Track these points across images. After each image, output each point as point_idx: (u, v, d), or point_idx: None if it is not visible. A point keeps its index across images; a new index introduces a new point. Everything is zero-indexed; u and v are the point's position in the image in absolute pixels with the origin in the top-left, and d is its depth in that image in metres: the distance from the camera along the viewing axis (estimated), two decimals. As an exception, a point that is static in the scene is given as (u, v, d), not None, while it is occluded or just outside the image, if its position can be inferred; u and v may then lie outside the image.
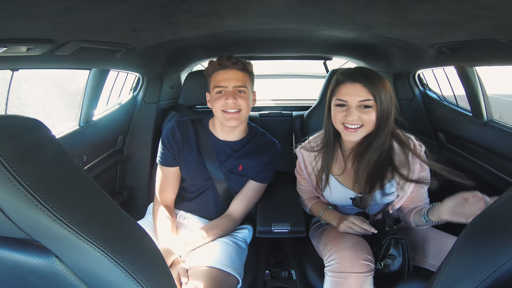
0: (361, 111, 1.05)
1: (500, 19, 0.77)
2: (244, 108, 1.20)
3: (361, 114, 1.05)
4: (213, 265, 1.07)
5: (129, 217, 0.55)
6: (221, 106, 1.19)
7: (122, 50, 1.19)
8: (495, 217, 0.54)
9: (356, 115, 1.05)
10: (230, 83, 1.19)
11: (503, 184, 1.34)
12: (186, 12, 0.91)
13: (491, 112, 1.47)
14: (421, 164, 1.14)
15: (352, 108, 1.05)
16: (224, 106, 1.18)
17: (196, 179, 1.30)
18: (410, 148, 1.14)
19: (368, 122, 1.06)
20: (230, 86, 1.19)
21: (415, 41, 1.21)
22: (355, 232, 1.11)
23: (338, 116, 1.09)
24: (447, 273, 0.56)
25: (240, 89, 1.20)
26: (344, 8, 0.88)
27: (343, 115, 1.07)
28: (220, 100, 1.19)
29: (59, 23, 0.80)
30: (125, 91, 1.85)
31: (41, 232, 0.48)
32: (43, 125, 0.46)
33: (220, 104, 1.19)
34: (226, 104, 1.18)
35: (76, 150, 1.41)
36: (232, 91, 1.19)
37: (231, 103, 1.17)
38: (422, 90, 1.89)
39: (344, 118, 1.07)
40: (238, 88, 1.19)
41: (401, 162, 1.14)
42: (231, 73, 1.20)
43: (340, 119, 1.08)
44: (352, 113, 1.05)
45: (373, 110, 1.05)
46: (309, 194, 1.36)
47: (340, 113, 1.08)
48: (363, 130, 1.07)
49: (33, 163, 0.43)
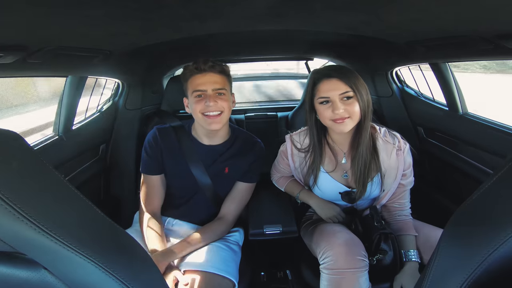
0: (345, 103, 1.08)
1: (470, 15, 0.80)
2: (225, 110, 1.18)
3: (346, 106, 1.07)
4: (208, 270, 1.06)
5: (117, 226, 0.54)
6: (201, 109, 1.16)
7: (100, 56, 1.16)
8: (475, 209, 0.55)
9: (342, 108, 1.07)
10: (209, 86, 1.17)
11: (480, 174, 1.41)
12: (167, 16, 0.90)
13: (466, 106, 1.54)
14: (405, 161, 1.18)
15: (336, 102, 1.07)
16: (205, 109, 1.16)
17: (183, 186, 1.29)
18: (394, 145, 1.18)
19: (353, 112, 1.08)
20: (209, 89, 1.17)
21: (391, 39, 1.25)
22: (341, 221, 1.21)
23: (326, 114, 1.10)
24: (437, 265, 0.57)
25: (220, 91, 1.18)
26: (322, 8, 0.89)
27: (329, 112, 1.09)
28: (200, 103, 1.16)
29: (32, 30, 0.77)
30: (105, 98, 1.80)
31: (27, 244, 0.46)
32: (19, 137, 0.45)
33: (200, 107, 1.16)
34: (206, 107, 1.15)
35: (56, 161, 1.35)
36: (212, 94, 1.17)
37: (212, 105, 1.15)
38: (400, 86, 1.96)
39: (331, 114, 1.08)
40: (217, 90, 1.18)
41: (385, 158, 1.17)
42: (208, 77, 1.18)
43: (328, 116, 1.10)
44: (337, 106, 1.07)
45: (355, 100, 1.08)
46: (285, 174, 1.40)
47: (326, 110, 1.10)
48: (351, 120, 1.09)
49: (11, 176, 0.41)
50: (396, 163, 1.17)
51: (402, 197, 1.23)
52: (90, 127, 1.62)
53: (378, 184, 1.20)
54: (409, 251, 1.12)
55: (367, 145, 1.14)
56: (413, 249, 1.12)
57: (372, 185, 1.19)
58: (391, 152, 1.17)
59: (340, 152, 1.24)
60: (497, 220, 0.50)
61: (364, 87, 1.10)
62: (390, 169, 1.18)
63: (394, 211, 1.23)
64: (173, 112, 1.83)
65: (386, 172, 1.18)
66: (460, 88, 1.53)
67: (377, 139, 1.18)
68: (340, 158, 1.24)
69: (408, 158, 1.19)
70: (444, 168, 1.67)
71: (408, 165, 1.19)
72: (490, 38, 0.93)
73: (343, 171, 1.23)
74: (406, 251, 1.12)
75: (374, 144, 1.17)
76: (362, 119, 1.11)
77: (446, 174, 1.68)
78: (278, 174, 1.43)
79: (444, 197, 1.66)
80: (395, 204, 1.23)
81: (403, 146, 1.18)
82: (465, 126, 1.50)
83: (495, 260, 0.49)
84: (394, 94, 1.91)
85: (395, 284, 1.08)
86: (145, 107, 1.83)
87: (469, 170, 1.48)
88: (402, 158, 1.17)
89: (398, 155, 1.17)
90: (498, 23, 0.82)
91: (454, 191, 1.62)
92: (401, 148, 1.17)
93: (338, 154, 1.24)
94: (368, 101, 1.10)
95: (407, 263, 1.10)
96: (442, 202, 1.65)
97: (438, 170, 1.75)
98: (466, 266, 0.51)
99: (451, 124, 1.60)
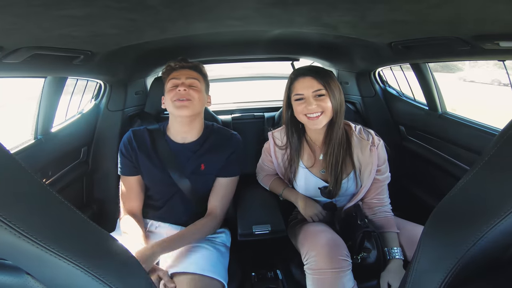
0: (317, 99, 1.16)
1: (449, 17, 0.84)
2: (195, 99, 1.22)
3: (318, 102, 1.15)
4: (195, 271, 1.05)
5: (101, 229, 0.53)
6: (172, 96, 1.21)
7: (81, 56, 1.12)
8: (454, 205, 0.56)
9: (314, 104, 1.15)
10: (183, 75, 1.24)
11: (458, 170, 1.47)
12: (151, 16, 0.87)
13: (445, 105, 1.61)
14: (379, 157, 1.23)
15: (310, 98, 1.16)
16: (176, 95, 1.20)
17: (160, 186, 1.29)
18: (367, 141, 1.23)
19: (326, 108, 1.16)
20: (183, 77, 1.24)
21: (374, 40, 1.28)
22: (321, 219, 1.25)
23: (299, 109, 1.19)
24: (419, 261, 0.58)
25: (192, 83, 1.24)
26: (309, 9, 0.90)
27: (303, 107, 1.17)
28: (173, 91, 1.22)
29: (8, 29, 0.73)
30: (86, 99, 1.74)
31: (8, 250, 0.44)
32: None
33: (172, 94, 1.21)
34: (177, 93, 1.20)
35: (35, 165, 1.30)
36: (185, 82, 1.23)
37: (183, 91, 1.20)
38: (383, 87, 2.01)
39: (304, 109, 1.17)
40: (190, 80, 1.24)
41: (360, 154, 1.23)
42: (184, 71, 1.26)
43: (301, 111, 1.18)
44: (310, 102, 1.16)
45: (327, 98, 1.16)
46: (269, 172, 1.44)
47: (300, 106, 1.18)
48: (324, 116, 1.17)
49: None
50: (371, 159, 1.22)
51: (380, 193, 1.26)
52: (71, 129, 1.56)
53: (354, 180, 1.24)
54: (392, 249, 1.15)
55: (339, 141, 1.21)
56: (397, 247, 1.15)
57: (348, 181, 1.24)
58: (365, 148, 1.22)
59: (318, 149, 1.29)
60: (475, 215, 0.51)
61: (337, 86, 1.19)
62: (365, 165, 1.23)
63: (374, 207, 1.26)
64: (157, 113, 1.79)
65: (361, 167, 1.23)
66: (440, 88, 1.60)
67: (352, 136, 1.24)
68: (318, 154, 1.29)
69: (382, 153, 1.24)
70: (425, 165, 1.73)
71: (382, 160, 1.24)
72: (467, 39, 0.97)
73: (321, 166, 1.28)
74: (389, 249, 1.15)
75: (348, 141, 1.24)
76: (334, 116, 1.18)
77: (426, 171, 1.74)
78: (263, 172, 1.46)
79: (425, 194, 1.71)
80: (374, 200, 1.27)
81: (377, 142, 1.24)
82: (444, 124, 1.56)
83: (474, 254, 0.50)
84: (377, 94, 1.96)
85: (381, 281, 1.11)
86: (127, 108, 1.78)
87: (448, 167, 1.54)
88: (376, 154, 1.22)
89: (371, 150, 1.22)
90: (475, 24, 0.86)
91: (434, 188, 1.68)
92: (375, 144, 1.23)
93: (316, 151, 1.29)
94: (341, 101, 1.19)
95: (391, 261, 1.13)
96: (424, 199, 1.71)
97: (419, 167, 1.81)
98: (447, 260, 0.52)
99: (431, 123, 1.66)
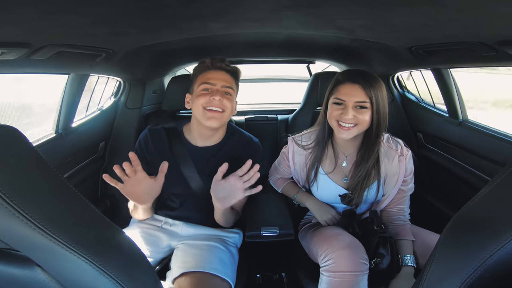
0: (357, 111, 1.10)
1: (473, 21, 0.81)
2: (227, 110, 1.16)
3: (357, 114, 1.09)
4: (206, 270, 1.05)
5: (113, 225, 0.54)
6: (204, 103, 1.14)
7: (103, 54, 1.16)
8: (473, 215, 0.55)
9: (351, 114, 1.09)
10: (219, 82, 1.16)
11: (478, 180, 1.41)
12: (169, 16, 0.90)
13: (466, 113, 1.55)
14: (407, 167, 1.19)
15: (349, 107, 1.09)
16: (208, 103, 1.13)
17: (175, 189, 1.25)
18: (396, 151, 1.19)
19: (362, 121, 1.10)
20: (219, 84, 1.16)
21: (393, 44, 1.26)
22: (335, 223, 1.22)
23: (334, 113, 1.13)
24: (433, 270, 0.56)
25: (227, 91, 1.17)
26: (325, 12, 0.90)
27: (339, 113, 1.11)
28: (205, 97, 1.14)
29: (35, 27, 0.77)
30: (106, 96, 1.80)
31: (21, 241, 0.46)
32: (18, 132, 0.45)
33: (204, 100, 1.14)
34: (211, 101, 1.13)
35: (54, 158, 1.35)
36: (220, 90, 1.16)
37: (217, 100, 1.13)
38: (401, 92, 1.96)
39: (339, 116, 1.11)
40: (225, 89, 1.17)
41: (387, 163, 1.19)
42: (221, 74, 1.18)
43: (335, 116, 1.12)
44: (348, 112, 1.09)
45: (368, 111, 1.09)
46: (284, 175, 1.42)
47: (336, 111, 1.12)
48: (356, 129, 1.11)
49: (9, 172, 0.41)
50: (398, 169, 1.18)
51: (401, 203, 1.23)
52: (90, 124, 1.62)
53: (376, 189, 1.21)
54: (405, 256, 1.11)
55: (374, 156, 1.17)
56: (410, 254, 1.12)
57: (371, 190, 1.20)
58: (393, 158, 1.18)
59: (341, 155, 1.25)
60: (494, 226, 0.50)
61: (384, 97, 1.12)
62: (391, 175, 1.19)
63: (393, 216, 1.23)
64: (173, 112, 1.83)
65: (387, 177, 1.20)
66: (461, 94, 1.54)
67: (380, 145, 1.19)
68: (341, 161, 1.25)
69: (410, 164, 1.20)
70: (442, 174, 1.67)
71: (409, 171, 1.20)
72: (492, 45, 0.93)
73: (343, 174, 1.24)
74: (402, 256, 1.12)
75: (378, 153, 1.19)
76: (373, 128, 1.12)
77: (444, 180, 1.68)
78: (277, 175, 1.44)
79: (441, 203, 1.65)
80: (395, 209, 1.23)
81: (406, 152, 1.19)
82: (465, 133, 1.50)
83: (490, 265, 0.49)
84: (395, 100, 1.91)
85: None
86: (145, 106, 1.83)
87: (467, 177, 1.48)
88: (404, 165, 1.18)
89: (400, 161, 1.18)
90: (501, 29, 0.82)
91: (451, 197, 1.62)
92: (404, 154, 1.19)
93: (340, 156, 1.25)
94: (384, 113, 1.12)
95: (403, 268, 1.10)
96: (439, 207, 1.65)
97: (436, 176, 1.75)
98: (462, 271, 0.51)
99: (450, 130, 1.60)
